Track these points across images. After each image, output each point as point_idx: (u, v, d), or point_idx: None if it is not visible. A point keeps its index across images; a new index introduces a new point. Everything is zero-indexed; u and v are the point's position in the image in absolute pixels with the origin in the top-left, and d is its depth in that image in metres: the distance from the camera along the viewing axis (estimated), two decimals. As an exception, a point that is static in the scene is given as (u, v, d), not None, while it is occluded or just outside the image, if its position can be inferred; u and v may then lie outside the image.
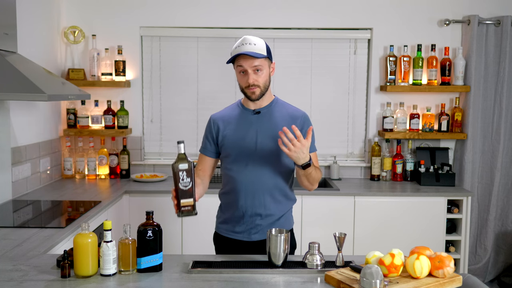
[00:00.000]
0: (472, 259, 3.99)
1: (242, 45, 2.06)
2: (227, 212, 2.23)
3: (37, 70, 2.77)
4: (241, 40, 2.09)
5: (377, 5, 3.91)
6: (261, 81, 2.08)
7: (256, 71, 2.07)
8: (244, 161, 2.13)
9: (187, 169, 1.80)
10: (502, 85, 3.87)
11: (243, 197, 2.14)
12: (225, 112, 2.26)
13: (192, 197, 1.82)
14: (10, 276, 1.73)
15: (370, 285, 1.51)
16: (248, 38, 2.08)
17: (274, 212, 2.16)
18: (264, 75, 2.09)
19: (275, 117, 2.16)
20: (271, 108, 2.18)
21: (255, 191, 2.13)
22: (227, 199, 2.23)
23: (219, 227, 2.27)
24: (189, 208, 1.82)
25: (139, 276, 1.73)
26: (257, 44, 2.06)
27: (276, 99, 2.22)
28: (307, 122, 2.18)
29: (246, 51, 2.03)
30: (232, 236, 2.20)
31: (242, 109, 2.20)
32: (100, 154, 3.85)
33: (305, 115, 2.20)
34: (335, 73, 4.01)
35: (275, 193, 2.16)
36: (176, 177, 1.80)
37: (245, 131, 2.14)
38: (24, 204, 2.99)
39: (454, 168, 3.99)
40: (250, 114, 2.17)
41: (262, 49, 2.06)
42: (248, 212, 2.14)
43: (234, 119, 2.19)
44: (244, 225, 2.16)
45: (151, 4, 3.88)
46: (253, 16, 3.89)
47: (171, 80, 4.01)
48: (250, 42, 2.06)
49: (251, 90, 2.09)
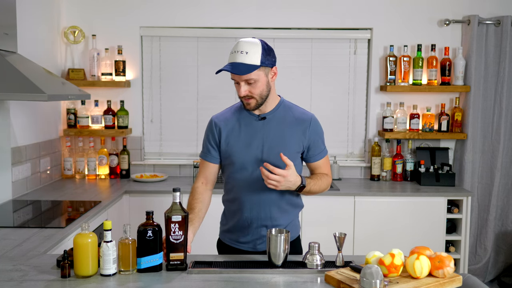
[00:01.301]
0: (472, 259, 3.99)
1: (235, 52, 1.91)
2: (231, 220, 2.13)
3: (37, 70, 2.77)
4: (235, 45, 1.94)
5: (377, 5, 3.91)
6: (255, 92, 1.94)
7: (249, 83, 1.93)
8: (250, 170, 2.02)
9: (180, 221, 1.74)
10: (502, 85, 3.87)
11: (248, 208, 2.05)
12: (227, 114, 2.12)
13: (183, 251, 1.76)
14: (10, 276, 1.73)
15: (370, 285, 1.51)
16: (241, 44, 1.91)
17: (281, 222, 2.08)
18: (259, 86, 1.94)
19: (281, 123, 2.04)
20: (276, 112, 2.06)
21: (261, 202, 2.04)
22: (231, 207, 2.13)
23: (224, 235, 2.19)
24: (178, 262, 1.77)
25: (139, 276, 1.73)
26: (249, 53, 1.88)
27: (281, 101, 2.10)
28: (314, 125, 2.07)
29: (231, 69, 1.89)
30: (237, 246, 2.12)
31: (245, 112, 2.06)
32: (100, 154, 3.85)
33: (313, 118, 2.09)
34: (335, 73, 4.01)
35: (282, 203, 2.07)
36: (168, 228, 1.74)
37: (251, 139, 2.02)
38: (24, 204, 2.99)
39: (454, 168, 3.99)
40: (255, 119, 2.05)
41: (254, 59, 1.89)
42: (253, 223, 2.06)
43: (238, 124, 2.06)
44: (249, 235, 2.08)
45: (151, 4, 3.88)
46: (253, 16, 3.89)
47: (171, 80, 4.01)
48: (242, 50, 1.89)
49: (246, 101, 1.98)
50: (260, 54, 1.91)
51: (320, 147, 2.10)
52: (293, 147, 2.04)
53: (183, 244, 1.76)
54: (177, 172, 4.03)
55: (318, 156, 2.10)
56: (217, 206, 2.32)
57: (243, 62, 1.89)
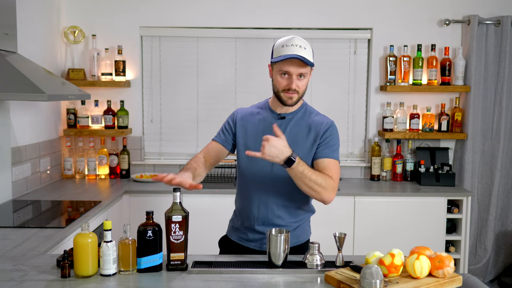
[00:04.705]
0: (472, 259, 3.99)
1: (292, 46, 1.93)
2: (241, 219, 2.14)
3: (37, 70, 2.77)
4: (289, 39, 1.97)
5: (377, 5, 3.91)
6: (302, 87, 1.98)
7: (300, 77, 1.96)
8: (259, 166, 2.01)
9: (181, 221, 1.74)
10: (502, 85, 3.87)
11: (256, 207, 2.06)
12: (251, 109, 2.14)
13: (184, 251, 1.76)
14: (10, 276, 1.73)
15: (370, 285, 1.51)
16: (299, 39, 1.96)
17: (289, 223, 2.07)
18: (305, 82, 1.99)
19: (297, 125, 2.04)
20: (297, 115, 2.07)
21: (269, 200, 2.04)
22: (241, 204, 2.14)
23: (231, 232, 2.19)
24: (179, 262, 1.77)
25: (139, 276, 1.73)
26: (307, 49, 1.95)
27: (304, 104, 2.11)
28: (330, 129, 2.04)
29: (300, 56, 1.90)
30: (244, 244, 2.12)
31: (268, 111, 2.09)
32: (100, 154, 3.85)
33: (329, 123, 2.06)
34: (335, 73, 4.01)
35: (290, 204, 2.06)
36: (168, 228, 1.75)
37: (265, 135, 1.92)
38: (24, 204, 2.99)
39: (454, 168, 3.99)
40: (274, 118, 2.06)
41: (310, 56, 1.96)
42: (260, 222, 2.06)
43: (257, 119, 2.08)
44: (257, 234, 2.08)
45: (151, 4, 3.88)
46: (253, 16, 3.89)
47: (171, 80, 4.01)
48: (301, 45, 1.94)
49: (289, 95, 1.97)
50: (312, 53, 1.99)
51: (331, 148, 2.03)
52: (305, 149, 2.02)
53: (183, 246, 1.76)
54: (177, 172, 4.01)
55: (325, 154, 2.01)
56: (217, 206, 2.32)
57: (305, 56, 1.92)
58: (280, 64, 1.95)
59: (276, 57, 1.96)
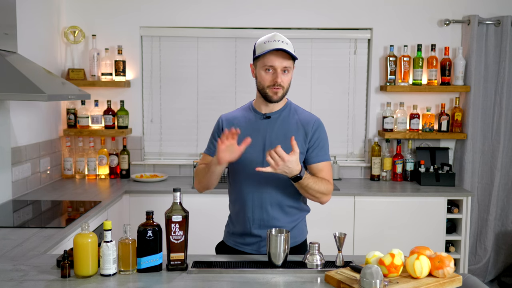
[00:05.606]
0: (472, 259, 3.99)
1: (274, 41, 1.95)
2: (236, 223, 2.12)
3: (37, 70, 2.77)
4: (271, 36, 1.98)
5: (377, 5, 3.91)
6: (286, 82, 1.99)
7: (284, 72, 1.97)
8: (250, 168, 1.97)
9: (181, 221, 1.74)
10: (502, 85, 3.87)
11: (250, 209, 2.04)
12: (235, 113, 2.14)
13: (183, 251, 1.76)
14: (10, 276, 1.73)
15: (370, 285, 1.51)
16: (280, 35, 1.98)
17: (285, 224, 2.06)
18: (289, 78, 2.00)
19: (285, 124, 2.04)
20: (282, 113, 2.06)
21: (263, 202, 2.03)
22: (235, 208, 2.13)
23: (228, 238, 2.18)
24: (179, 262, 1.77)
25: (139, 276, 1.73)
26: (289, 44, 1.97)
27: (288, 103, 2.11)
28: (318, 128, 2.06)
29: (284, 48, 1.92)
30: (241, 248, 2.10)
31: (253, 112, 2.09)
32: (100, 154, 3.85)
33: (317, 121, 2.08)
34: (335, 73, 4.01)
35: (284, 204, 2.06)
36: (168, 228, 1.75)
37: (252, 136, 1.96)
38: (24, 204, 2.99)
39: (454, 168, 3.99)
40: (260, 118, 2.06)
41: (293, 51, 1.97)
42: (256, 225, 2.05)
43: (243, 122, 2.07)
44: (254, 238, 2.06)
45: (151, 4, 3.88)
46: (253, 16, 3.89)
47: (171, 80, 4.01)
48: (283, 40, 1.96)
49: (274, 90, 1.97)
50: (293, 49, 2.01)
51: (323, 149, 2.07)
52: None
53: (183, 246, 1.76)
54: (177, 172, 4.03)
55: (319, 158, 2.06)
56: (217, 207, 2.32)
57: (288, 50, 1.94)
58: (264, 59, 1.96)
59: (260, 52, 1.97)
